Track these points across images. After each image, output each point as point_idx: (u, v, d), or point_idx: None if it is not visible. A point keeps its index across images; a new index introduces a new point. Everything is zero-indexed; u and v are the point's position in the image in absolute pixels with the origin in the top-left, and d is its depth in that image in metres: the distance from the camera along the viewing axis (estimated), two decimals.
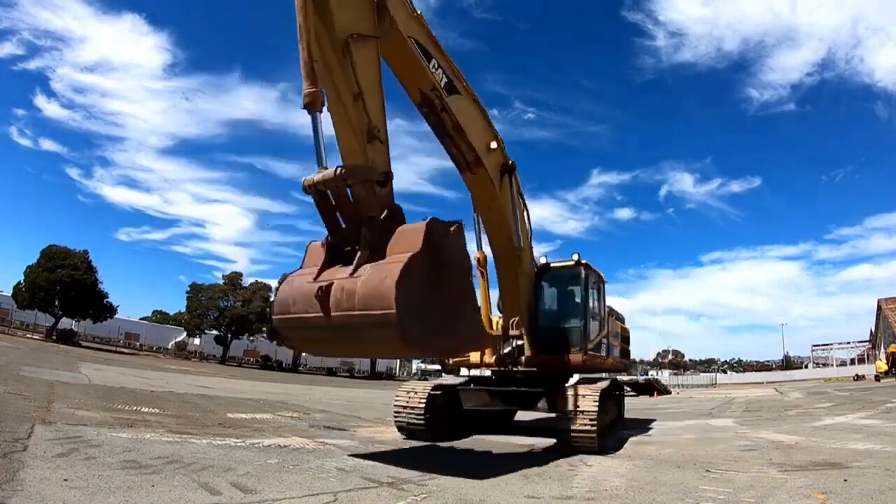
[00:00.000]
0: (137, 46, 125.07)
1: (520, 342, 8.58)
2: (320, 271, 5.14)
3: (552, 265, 9.42)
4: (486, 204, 8.11)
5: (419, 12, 6.60)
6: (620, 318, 11.94)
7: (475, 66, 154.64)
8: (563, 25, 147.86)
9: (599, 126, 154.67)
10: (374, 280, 4.57)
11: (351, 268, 4.87)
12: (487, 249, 8.72)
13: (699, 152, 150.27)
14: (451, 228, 5.21)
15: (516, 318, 8.35)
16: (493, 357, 8.66)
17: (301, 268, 5.50)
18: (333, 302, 4.75)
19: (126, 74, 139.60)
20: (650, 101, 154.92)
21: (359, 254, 4.97)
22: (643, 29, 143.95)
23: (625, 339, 11.82)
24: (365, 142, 5.35)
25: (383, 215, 5.17)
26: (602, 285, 9.87)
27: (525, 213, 8.81)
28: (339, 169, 4.85)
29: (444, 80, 6.98)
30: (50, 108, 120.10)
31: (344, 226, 5.28)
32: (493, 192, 7.88)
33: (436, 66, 6.85)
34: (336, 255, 5.26)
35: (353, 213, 5.15)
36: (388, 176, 5.39)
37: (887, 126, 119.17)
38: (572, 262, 9.23)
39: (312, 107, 4.85)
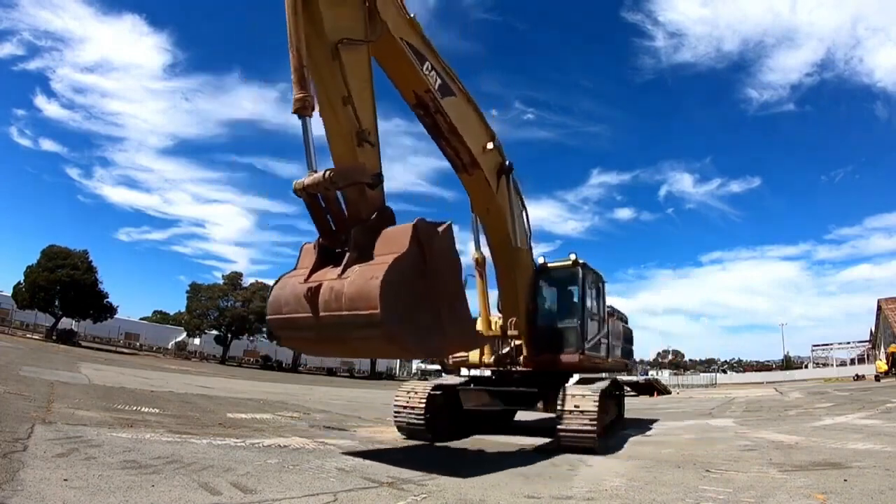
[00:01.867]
0: (137, 47, 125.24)
1: (518, 342, 8.59)
2: (311, 272, 5.20)
3: (549, 265, 9.41)
4: (483, 204, 8.16)
5: (413, 14, 6.60)
6: (623, 318, 11.92)
7: (475, 66, 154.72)
8: (563, 26, 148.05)
9: (599, 126, 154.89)
10: (361, 280, 4.63)
11: (340, 269, 4.94)
12: (486, 250, 8.76)
13: (699, 152, 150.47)
14: (440, 228, 5.25)
15: (514, 319, 8.38)
16: (492, 357, 8.67)
17: (294, 269, 5.56)
18: (322, 302, 4.82)
19: (126, 75, 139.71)
20: (650, 101, 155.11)
21: (347, 255, 5.03)
22: (643, 29, 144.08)
23: (627, 338, 11.78)
24: (355, 145, 5.39)
25: (373, 217, 5.28)
26: (601, 285, 9.87)
27: (524, 213, 8.89)
28: (327, 172, 4.91)
29: (439, 82, 7.00)
30: (50, 109, 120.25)
31: (334, 228, 5.34)
32: (490, 192, 7.92)
33: (429, 68, 6.86)
34: (327, 256, 5.31)
35: (343, 214, 5.29)
36: (379, 178, 5.47)
37: (887, 126, 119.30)
38: (569, 262, 9.22)
39: (303, 111, 4.97)
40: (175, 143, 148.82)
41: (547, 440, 8.22)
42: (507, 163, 8.17)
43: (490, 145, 7.82)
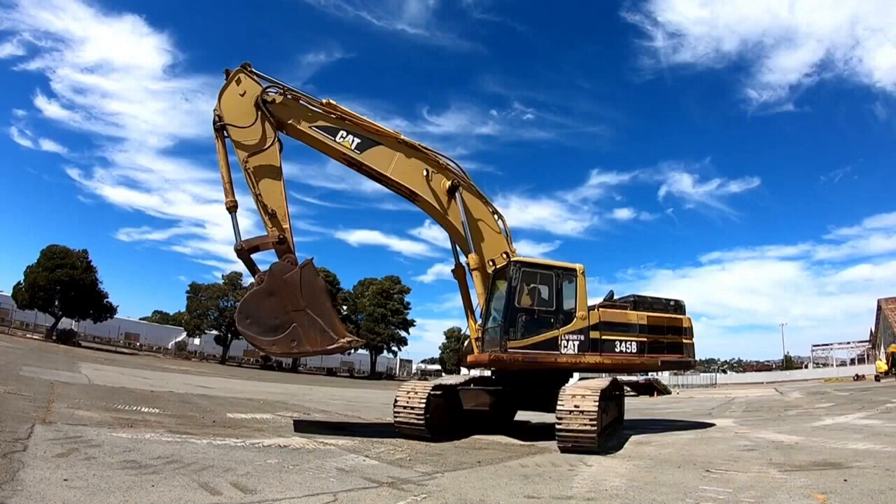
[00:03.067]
0: (138, 47, 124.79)
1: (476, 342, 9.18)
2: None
3: (499, 267, 9.43)
4: (440, 222, 9.36)
5: (323, 102, 8.72)
6: (663, 306, 10.27)
7: (474, 66, 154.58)
8: (562, 26, 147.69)
9: (598, 126, 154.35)
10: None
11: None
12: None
13: (698, 153, 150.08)
14: (301, 265, 7.87)
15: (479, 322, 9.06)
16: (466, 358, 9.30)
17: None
18: None
19: (126, 75, 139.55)
20: (649, 101, 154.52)
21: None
22: (642, 30, 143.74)
23: (659, 329, 9.79)
24: (268, 218, 8.18)
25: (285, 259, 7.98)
26: (560, 279, 9.07)
27: (497, 217, 9.48)
28: (239, 243, 8.08)
29: (356, 141, 8.80)
30: (50, 109, 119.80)
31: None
32: (439, 213, 9.14)
33: (343, 136, 8.77)
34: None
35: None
36: (281, 241, 8.05)
37: (886, 126, 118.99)
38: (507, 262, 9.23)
39: (232, 210, 8.33)
40: (175, 144, 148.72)
41: (547, 440, 8.22)
42: (453, 182, 9.06)
43: (425, 172, 8.98)
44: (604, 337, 9.03)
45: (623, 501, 4.39)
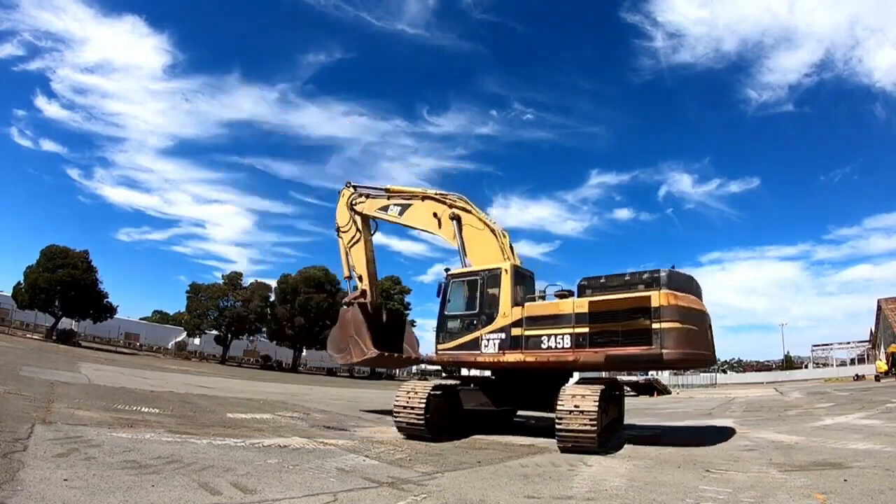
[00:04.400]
0: (138, 48, 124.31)
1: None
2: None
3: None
4: (452, 243, 10.79)
5: (386, 187, 12.29)
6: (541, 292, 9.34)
7: (474, 67, 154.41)
8: (562, 26, 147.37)
9: (598, 127, 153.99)
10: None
11: None
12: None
13: (698, 153, 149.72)
14: (349, 307, 12.74)
15: None
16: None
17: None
18: None
19: (126, 76, 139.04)
20: (649, 101, 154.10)
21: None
22: (642, 30, 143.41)
23: (582, 318, 8.03)
24: (357, 278, 13.06)
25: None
26: (484, 281, 9.28)
27: (494, 235, 10.20)
28: (346, 300, 13.17)
29: (398, 209, 11.88)
30: (50, 109, 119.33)
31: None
32: (447, 238, 10.87)
33: (391, 208, 12.01)
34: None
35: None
36: (363, 293, 12.72)
37: (886, 126, 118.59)
38: None
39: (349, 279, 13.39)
40: (175, 144, 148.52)
41: (547, 440, 8.22)
42: (454, 212, 10.67)
43: (437, 212, 10.98)
44: (527, 333, 8.43)
45: (623, 501, 4.39)
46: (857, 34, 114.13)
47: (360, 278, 12.74)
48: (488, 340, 8.91)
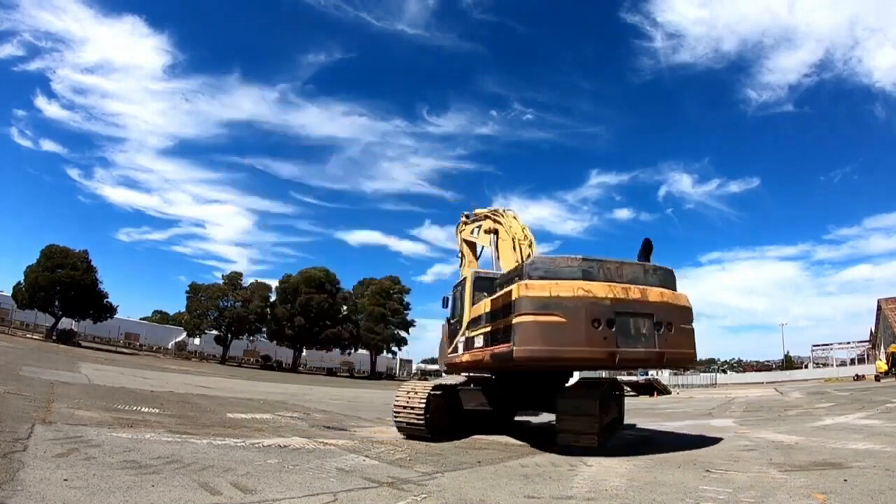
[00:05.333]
0: (138, 48, 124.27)
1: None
2: None
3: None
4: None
5: (490, 214, 10.92)
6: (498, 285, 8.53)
7: (474, 67, 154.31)
8: (562, 27, 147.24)
9: (598, 127, 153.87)
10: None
11: None
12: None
13: (698, 153, 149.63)
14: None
15: None
16: None
17: None
18: None
19: (126, 76, 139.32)
20: (649, 102, 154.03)
21: None
22: (641, 30, 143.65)
23: (489, 316, 7.90)
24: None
25: None
26: (460, 291, 9.98)
27: (527, 245, 9.89)
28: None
29: (477, 229, 11.17)
30: (50, 109, 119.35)
31: None
32: (489, 248, 10.65)
33: (473, 230, 11.34)
34: None
35: None
36: None
37: (886, 126, 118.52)
38: None
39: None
40: (175, 144, 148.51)
41: (547, 440, 8.22)
42: (493, 227, 10.50)
43: (485, 227, 10.83)
44: (470, 335, 8.83)
45: (623, 501, 4.39)
46: (856, 34, 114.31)
47: None
48: (460, 344, 9.52)
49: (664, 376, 53.68)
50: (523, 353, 6.50)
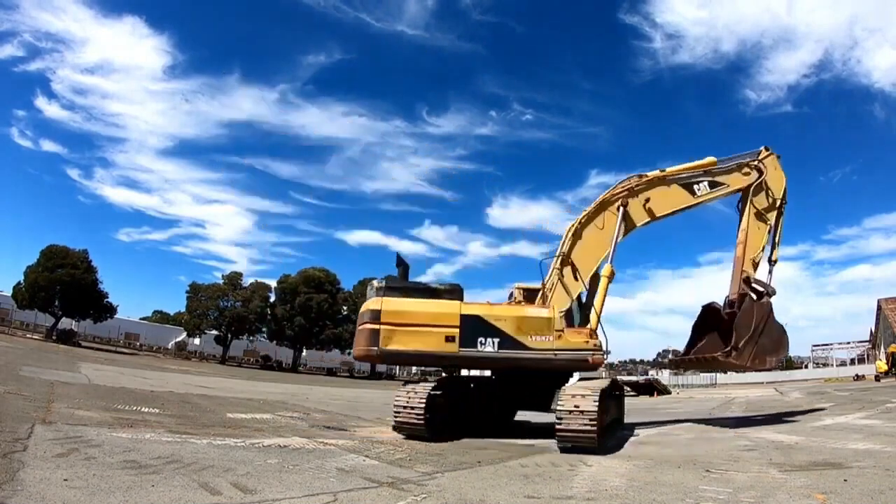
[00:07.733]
0: (138, 48, 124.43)
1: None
2: None
3: None
4: None
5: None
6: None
7: (473, 67, 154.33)
8: (561, 27, 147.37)
9: (598, 127, 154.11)
10: None
11: None
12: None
13: (697, 153, 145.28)
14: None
15: None
16: None
17: None
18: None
19: (126, 76, 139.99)
20: (648, 102, 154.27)
21: None
22: (641, 31, 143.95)
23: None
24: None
25: None
26: None
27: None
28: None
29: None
30: (50, 110, 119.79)
31: None
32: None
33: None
34: None
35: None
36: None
37: (885, 127, 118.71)
38: None
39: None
40: (175, 144, 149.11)
41: (547, 440, 8.22)
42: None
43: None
44: None
45: (623, 501, 4.39)
46: (856, 34, 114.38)
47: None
48: None
49: (664, 376, 53.73)
50: (355, 353, 9.02)
